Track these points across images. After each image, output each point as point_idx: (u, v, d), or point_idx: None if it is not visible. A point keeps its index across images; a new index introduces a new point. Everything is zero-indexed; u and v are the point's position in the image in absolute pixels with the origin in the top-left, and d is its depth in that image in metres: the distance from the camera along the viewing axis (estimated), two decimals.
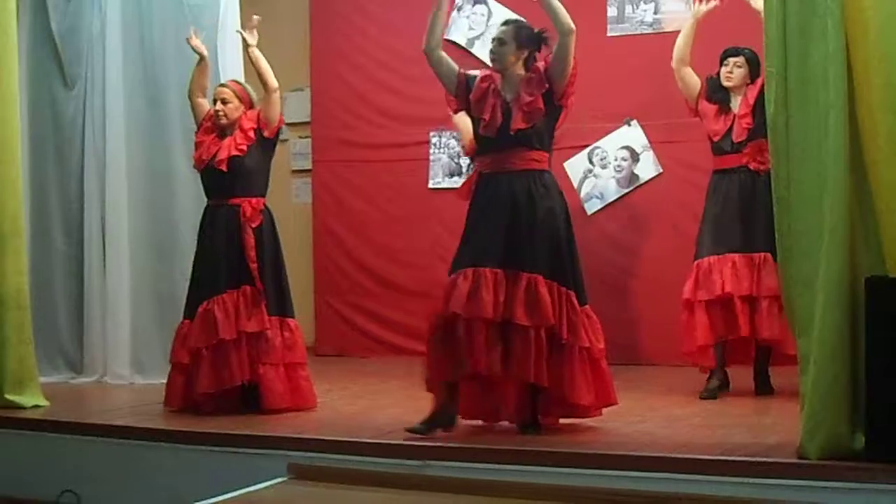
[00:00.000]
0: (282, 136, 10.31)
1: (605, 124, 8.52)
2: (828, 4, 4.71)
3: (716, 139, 6.96)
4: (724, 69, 6.96)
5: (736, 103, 6.92)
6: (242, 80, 7.09)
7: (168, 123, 7.91)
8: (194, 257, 6.82)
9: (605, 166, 8.61)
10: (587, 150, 8.60)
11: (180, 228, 7.83)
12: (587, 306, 5.72)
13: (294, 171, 10.20)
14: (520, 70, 5.79)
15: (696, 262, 6.86)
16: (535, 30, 5.81)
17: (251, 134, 6.63)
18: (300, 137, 10.13)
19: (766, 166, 6.58)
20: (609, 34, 8.58)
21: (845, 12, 4.70)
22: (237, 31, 6.81)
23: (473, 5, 8.94)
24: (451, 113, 6.22)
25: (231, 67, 7.53)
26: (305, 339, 9.53)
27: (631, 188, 8.53)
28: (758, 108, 6.63)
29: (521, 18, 6.04)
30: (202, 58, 6.89)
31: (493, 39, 5.85)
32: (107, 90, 7.98)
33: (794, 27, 4.83)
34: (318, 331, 9.49)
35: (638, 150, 8.50)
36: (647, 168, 8.48)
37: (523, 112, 5.69)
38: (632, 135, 8.51)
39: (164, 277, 7.87)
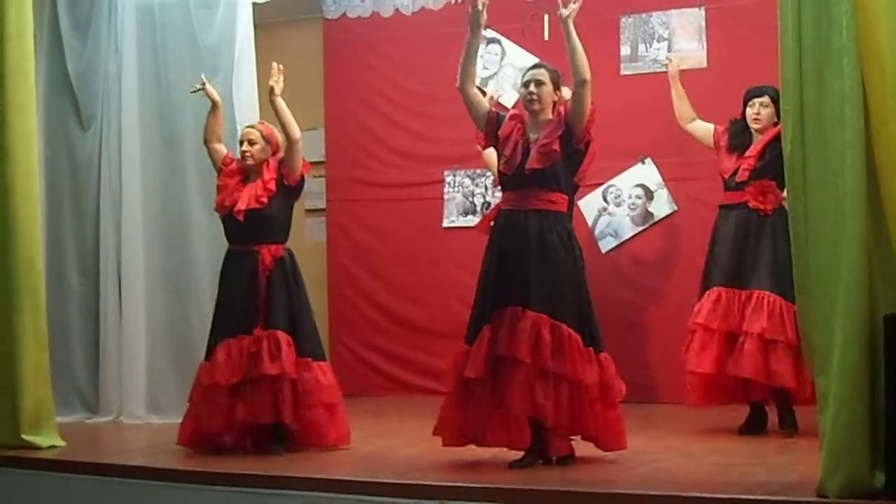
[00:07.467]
0: None
1: (620, 162, 8.52)
2: (843, 43, 4.72)
3: (725, 176, 6.95)
4: (749, 110, 6.87)
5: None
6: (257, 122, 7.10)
7: (183, 164, 7.94)
8: (215, 301, 6.83)
9: (619, 204, 8.62)
10: (601, 188, 8.60)
11: (195, 268, 7.86)
12: (602, 354, 5.85)
13: (308, 211, 10.19)
14: (548, 112, 5.94)
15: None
16: (557, 72, 6.01)
17: (271, 186, 6.62)
18: (314, 177, 10.12)
19: (766, 206, 6.73)
20: (623, 73, 8.62)
21: (861, 51, 4.70)
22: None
23: (487, 45, 8.95)
24: (479, 148, 6.47)
25: (247, 110, 7.52)
26: None
27: (646, 226, 8.54)
28: (767, 150, 6.69)
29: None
30: (215, 104, 6.90)
31: (531, 81, 5.92)
32: (123, 131, 8.00)
33: (809, 66, 4.83)
34: (333, 370, 9.47)
35: (652, 187, 8.52)
36: (662, 206, 8.50)
37: (539, 153, 5.82)
38: (646, 173, 8.53)
39: (179, 317, 7.90)
